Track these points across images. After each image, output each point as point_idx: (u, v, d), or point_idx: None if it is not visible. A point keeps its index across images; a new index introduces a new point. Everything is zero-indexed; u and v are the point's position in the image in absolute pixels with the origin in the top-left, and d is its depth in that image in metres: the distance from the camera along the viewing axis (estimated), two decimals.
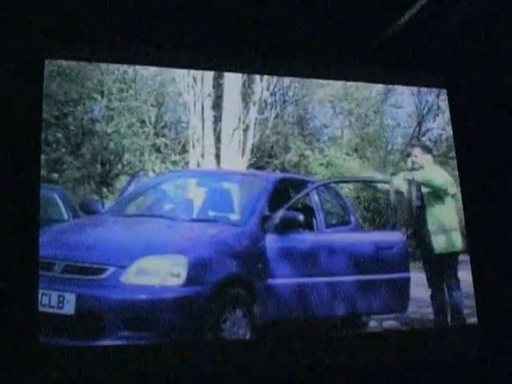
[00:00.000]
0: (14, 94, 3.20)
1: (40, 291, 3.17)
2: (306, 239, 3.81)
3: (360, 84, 4.40)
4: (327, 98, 4.30)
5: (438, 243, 4.03)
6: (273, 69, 3.97)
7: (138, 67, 3.92)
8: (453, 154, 4.46)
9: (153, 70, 3.93)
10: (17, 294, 3.01)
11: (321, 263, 3.77)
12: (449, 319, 3.97)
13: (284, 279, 3.62)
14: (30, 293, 3.06)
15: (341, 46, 3.83)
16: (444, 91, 4.43)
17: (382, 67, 4.01)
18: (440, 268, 4.04)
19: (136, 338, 3.22)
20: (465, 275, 4.00)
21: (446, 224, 4.10)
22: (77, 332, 3.17)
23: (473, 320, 3.85)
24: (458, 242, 4.05)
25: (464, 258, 4.10)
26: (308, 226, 3.88)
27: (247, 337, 3.46)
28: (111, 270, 3.24)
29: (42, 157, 3.49)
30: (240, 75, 4.07)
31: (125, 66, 3.89)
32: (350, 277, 3.82)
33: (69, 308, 3.15)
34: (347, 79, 4.22)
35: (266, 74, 4.11)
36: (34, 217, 3.15)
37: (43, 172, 3.51)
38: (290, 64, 3.88)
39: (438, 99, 4.48)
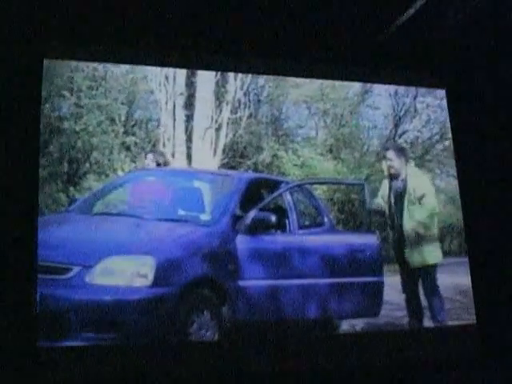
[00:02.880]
0: (12, 93, 3.22)
1: None
2: (278, 240, 3.78)
3: (337, 84, 4.38)
4: (302, 99, 4.26)
5: (413, 258, 4.02)
6: (270, 68, 4.01)
7: (108, 64, 3.87)
8: (429, 156, 4.44)
9: (124, 67, 3.88)
10: (14, 297, 3.03)
11: (293, 265, 3.74)
12: (424, 323, 3.92)
13: (255, 281, 3.58)
14: (27, 296, 3.06)
15: (340, 46, 3.87)
16: (421, 93, 4.42)
17: (381, 67, 4.03)
18: (415, 276, 4.02)
19: (100, 340, 3.16)
20: (444, 279, 3.97)
21: (422, 235, 4.07)
22: (40, 332, 3.11)
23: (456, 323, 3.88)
24: (434, 254, 4.04)
25: (447, 261, 4.08)
26: (281, 227, 3.83)
27: (215, 339, 3.40)
28: (76, 269, 3.20)
29: None
30: (213, 74, 4.03)
31: (95, 64, 3.83)
32: (323, 279, 3.78)
33: None
34: (345, 79, 4.24)
35: (268, 74, 4.14)
36: (33, 220, 3.18)
37: None
38: (286, 63, 3.92)
39: (415, 101, 4.46)
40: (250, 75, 4.11)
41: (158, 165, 3.78)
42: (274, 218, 3.70)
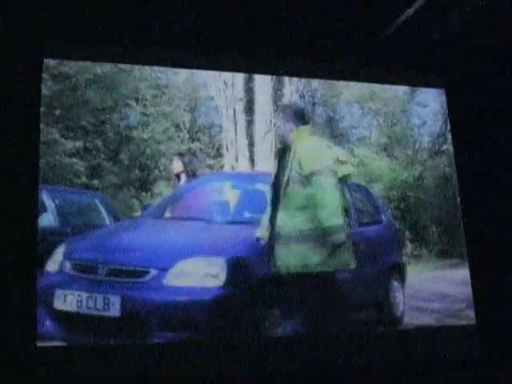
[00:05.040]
0: (12, 93, 3.23)
1: (85, 294, 3.27)
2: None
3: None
4: (354, 99, 4.35)
5: (288, 261, 3.41)
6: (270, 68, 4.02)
7: (169, 73, 3.99)
8: None
9: (184, 75, 3.99)
10: (14, 297, 3.05)
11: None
12: None
13: None
14: (27, 295, 3.09)
15: (339, 46, 3.88)
16: None
17: (381, 67, 4.04)
18: (291, 286, 3.41)
19: (177, 339, 3.29)
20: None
21: (306, 230, 3.39)
22: (121, 334, 3.24)
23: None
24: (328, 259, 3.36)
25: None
26: None
27: (285, 335, 3.52)
28: (153, 272, 3.32)
29: (83, 163, 3.59)
30: (269, 79, 4.13)
31: (157, 73, 3.96)
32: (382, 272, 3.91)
33: (114, 310, 3.24)
34: (345, 79, 4.24)
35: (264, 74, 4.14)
36: (32, 217, 3.19)
37: (84, 179, 3.61)
38: (289, 63, 3.95)
39: None
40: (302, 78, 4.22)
41: (184, 165, 3.85)
42: None
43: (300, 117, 3.54)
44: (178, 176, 3.86)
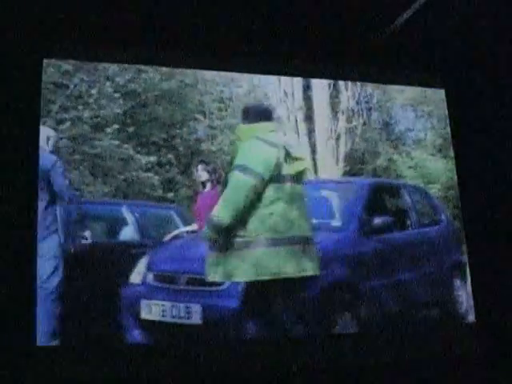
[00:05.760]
0: (12, 94, 3.23)
1: (168, 303, 3.42)
2: (403, 240, 4.00)
3: None
4: (408, 102, 4.45)
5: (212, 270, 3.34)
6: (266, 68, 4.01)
7: (232, 85, 4.11)
8: None
9: (246, 87, 4.11)
10: (14, 297, 3.05)
11: (418, 261, 3.97)
12: None
13: (384, 280, 3.80)
14: (27, 295, 3.10)
15: (338, 45, 3.89)
16: None
17: (380, 67, 4.06)
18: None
19: (254, 342, 3.45)
20: None
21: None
22: (204, 340, 3.40)
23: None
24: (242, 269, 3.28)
25: None
26: (403, 227, 4.07)
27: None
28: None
29: (158, 177, 3.74)
30: (326, 86, 4.25)
31: (221, 86, 4.09)
32: (444, 271, 4.02)
33: (196, 318, 3.38)
34: (344, 79, 4.28)
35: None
36: (32, 220, 3.18)
37: (160, 192, 3.76)
38: (286, 63, 3.95)
39: None
40: (358, 84, 4.33)
41: (209, 173, 3.87)
42: (395, 220, 3.95)
43: (246, 115, 3.47)
44: (203, 184, 3.90)
